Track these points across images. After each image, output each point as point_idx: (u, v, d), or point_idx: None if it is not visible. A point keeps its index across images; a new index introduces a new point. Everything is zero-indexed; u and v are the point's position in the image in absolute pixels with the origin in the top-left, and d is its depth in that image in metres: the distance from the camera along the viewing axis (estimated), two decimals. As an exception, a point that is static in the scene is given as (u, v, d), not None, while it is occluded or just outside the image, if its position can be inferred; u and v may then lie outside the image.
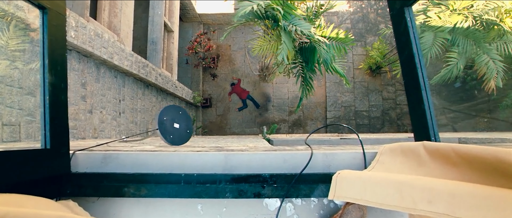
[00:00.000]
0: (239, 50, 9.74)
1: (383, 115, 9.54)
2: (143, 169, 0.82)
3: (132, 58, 4.78)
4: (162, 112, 1.97)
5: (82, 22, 3.36)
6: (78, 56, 3.56)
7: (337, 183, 0.69)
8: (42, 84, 0.72)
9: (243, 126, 9.46)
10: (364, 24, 9.77)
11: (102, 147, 1.17)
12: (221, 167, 0.81)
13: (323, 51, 3.69)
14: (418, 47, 0.71)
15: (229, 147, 1.35)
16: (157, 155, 0.83)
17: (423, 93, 0.71)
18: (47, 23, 0.73)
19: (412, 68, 0.72)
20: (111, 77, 4.40)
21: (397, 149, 0.75)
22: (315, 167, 0.80)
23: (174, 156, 0.83)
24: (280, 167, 0.80)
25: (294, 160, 0.81)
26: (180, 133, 2.03)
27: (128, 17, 5.03)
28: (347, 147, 1.38)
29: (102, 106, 4.14)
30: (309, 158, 0.79)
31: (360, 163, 0.81)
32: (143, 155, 0.83)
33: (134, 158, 0.83)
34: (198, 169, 0.81)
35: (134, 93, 5.22)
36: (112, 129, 4.43)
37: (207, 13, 9.19)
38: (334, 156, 0.82)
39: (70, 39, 3.17)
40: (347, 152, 0.83)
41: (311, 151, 0.82)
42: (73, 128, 3.45)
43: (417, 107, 0.73)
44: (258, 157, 0.81)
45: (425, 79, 0.71)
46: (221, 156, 0.81)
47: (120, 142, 2.13)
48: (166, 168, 0.82)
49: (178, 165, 0.82)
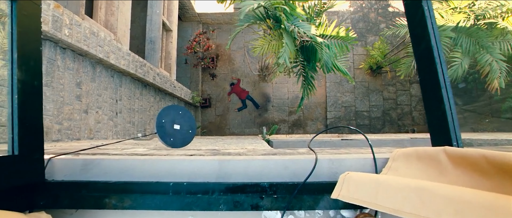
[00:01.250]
0: (239, 50, 9.65)
1: (384, 115, 9.47)
2: (128, 177, 0.74)
3: (129, 58, 4.69)
4: (160, 114, 1.88)
5: (77, 20, 3.28)
6: (72, 55, 3.47)
7: (345, 182, 0.61)
8: (10, 82, 0.63)
9: (243, 126, 9.37)
10: (364, 24, 9.69)
11: (86, 152, 1.08)
12: (214, 174, 0.72)
13: (325, 50, 3.60)
14: (437, 39, 0.63)
15: (226, 150, 1.26)
16: (144, 161, 0.74)
17: (443, 92, 0.62)
18: (16, 12, 0.64)
19: (430, 63, 0.64)
20: (107, 77, 4.31)
21: (412, 154, 0.66)
22: (320, 175, 0.72)
23: (162, 162, 0.74)
24: (281, 174, 0.71)
25: (296, 166, 0.72)
26: (181, 134, 1.94)
27: (125, 15, 4.94)
28: (353, 150, 1.29)
29: (98, 106, 4.05)
30: (314, 164, 0.71)
31: (371, 170, 0.73)
32: (128, 161, 0.75)
33: (118, 165, 0.74)
34: (189, 177, 0.72)
35: (132, 93, 5.13)
36: (109, 129, 4.35)
37: (206, 13, 9.10)
38: (341, 162, 0.73)
39: (64, 38, 3.08)
40: (356, 158, 0.74)
41: (315, 157, 0.73)
42: (67, 129, 3.36)
43: (436, 108, 0.65)
44: (256, 163, 0.72)
45: (445, 75, 0.62)
46: (214, 162, 0.73)
47: (110, 145, 2.03)
48: (153, 175, 0.73)
49: (166, 172, 0.73)
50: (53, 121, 3.11)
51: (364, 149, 1.40)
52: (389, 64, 8.90)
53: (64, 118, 3.31)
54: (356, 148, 1.50)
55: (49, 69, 3.05)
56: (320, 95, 9.50)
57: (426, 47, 0.64)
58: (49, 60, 3.04)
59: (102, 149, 1.32)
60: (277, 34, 3.70)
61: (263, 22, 3.88)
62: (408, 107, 9.55)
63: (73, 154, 0.92)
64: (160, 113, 1.80)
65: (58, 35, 2.97)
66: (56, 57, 3.16)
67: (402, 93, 9.59)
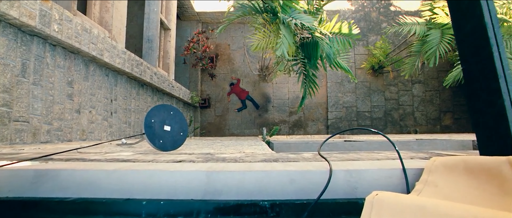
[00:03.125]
0: (238, 49, 9.50)
1: (386, 115, 9.32)
2: (91, 193, 0.58)
3: (125, 56, 4.53)
4: (149, 113, 1.72)
5: (67, 16, 3.12)
6: (63, 52, 3.32)
7: (374, 207, 0.45)
8: None
9: (242, 127, 9.22)
10: (366, 23, 9.55)
11: (45, 159, 0.92)
12: (201, 190, 0.57)
13: (326, 46, 3.44)
14: (492, 15, 0.47)
15: (220, 155, 1.10)
16: (112, 173, 0.59)
17: (502, 83, 0.47)
18: None
19: (482, 46, 0.48)
20: (101, 76, 4.15)
21: (457, 165, 0.51)
22: (336, 190, 0.56)
23: (135, 174, 0.58)
24: (286, 190, 0.56)
25: (305, 180, 0.57)
26: (172, 136, 1.78)
27: (121, 12, 4.79)
28: (364, 155, 1.13)
29: (92, 106, 3.89)
30: (328, 177, 0.55)
31: (399, 184, 0.57)
32: (91, 172, 0.59)
33: (80, 177, 0.59)
34: (169, 193, 0.57)
35: (128, 93, 4.98)
36: (103, 130, 4.19)
37: (206, 11, 8.95)
38: (361, 173, 0.58)
39: (54, 34, 2.93)
40: (379, 167, 0.59)
41: (330, 167, 0.57)
42: (57, 129, 3.21)
43: (489, 104, 0.49)
44: (254, 176, 0.57)
45: (504, 61, 0.47)
46: (201, 174, 0.57)
47: (91, 148, 1.88)
48: (123, 190, 0.58)
49: (140, 187, 0.58)
50: (42, 121, 2.95)
51: (376, 153, 1.24)
52: (391, 63, 8.75)
53: (54, 118, 3.15)
54: (367, 152, 1.34)
55: (38, 67, 2.90)
56: (321, 95, 9.35)
57: (477, 25, 0.49)
58: (37, 57, 2.88)
59: (85, 153, 1.16)
60: (275, 28, 3.54)
61: (260, 14, 3.72)
62: (410, 108, 9.40)
63: (35, 160, 0.77)
64: (149, 112, 1.64)
65: (47, 31, 2.82)
66: (45, 55, 3.01)
67: (404, 94, 9.45)
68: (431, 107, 9.32)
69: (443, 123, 9.33)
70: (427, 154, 1.15)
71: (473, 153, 1.41)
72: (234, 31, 9.57)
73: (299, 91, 9.35)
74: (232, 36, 9.59)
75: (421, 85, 9.38)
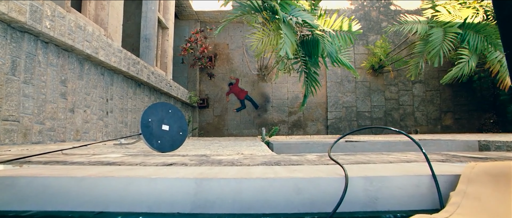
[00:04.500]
0: (237, 49, 9.41)
1: (386, 115, 9.24)
2: (57, 204, 0.48)
3: (121, 54, 4.43)
4: (146, 112, 1.62)
5: (60, 12, 3.01)
6: (56, 50, 3.21)
7: None
8: None
9: (241, 127, 9.12)
10: (365, 22, 9.47)
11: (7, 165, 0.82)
12: (189, 201, 0.47)
13: (328, 43, 3.34)
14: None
15: (217, 157, 0.99)
16: (82, 181, 0.49)
17: None
18: None
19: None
20: (97, 75, 4.04)
21: (505, 174, 0.41)
22: (352, 201, 0.47)
23: (111, 182, 0.48)
24: (291, 202, 0.46)
25: (315, 189, 0.47)
26: (171, 136, 1.68)
27: (117, 10, 4.68)
28: (384, 158, 1.03)
29: (86, 105, 3.78)
30: (344, 186, 0.45)
31: (429, 195, 0.48)
32: (58, 180, 0.49)
33: (43, 185, 0.49)
34: (149, 206, 0.47)
35: (124, 92, 4.87)
36: (98, 129, 4.08)
37: (204, 10, 8.85)
38: (382, 181, 0.48)
39: (45, 30, 2.82)
40: (405, 175, 0.49)
41: (345, 174, 0.48)
42: (50, 129, 3.10)
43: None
44: (254, 184, 0.47)
45: None
46: (190, 182, 0.47)
47: (77, 149, 1.77)
48: (96, 202, 0.48)
49: (116, 198, 0.48)
50: (33, 120, 2.84)
51: (386, 154, 1.14)
52: (391, 63, 8.68)
53: (47, 117, 3.04)
54: (375, 153, 1.24)
55: (29, 65, 2.79)
56: (320, 95, 9.26)
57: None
58: (28, 55, 2.78)
59: (69, 155, 1.06)
60: (274, 27, 3.44)
61: (259, 13, 3.62)
62: (410, 108, 9.33)
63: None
64: (146, 110, 1.54)
65: (38, 27, 2.71)
66: (37, 52, 2.90)
67: (404, 94, 9.38)
68: (431, 107, 9.24)
69: (443, 123, 9.26)
70: (440, 155, 1.05)
71: (495, 155, 1.32)
72: (233, 30, 9.47)
73: (298, 91, 9.25)
74: (231, 36, 9.49)
75: (422, 85, 9.31)
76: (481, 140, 3.04)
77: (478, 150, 3.09)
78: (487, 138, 3.37)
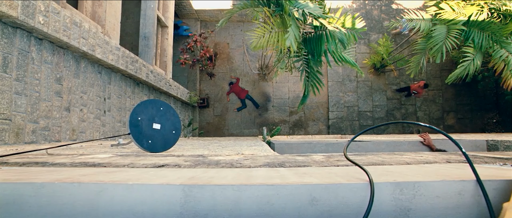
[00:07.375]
0: (238, 48, 9.32)
1: (388, 115, 9.15)
2: (10, 216, 0.39)
3: (119, 52, 4.33)
4: (135, 110, 1.52)
5: (55, 7, 2.92)
6: (51, 47, 3.12)
7: None
8: None
9: (242, 127, 9.03)
10: (367, 21, 9.37)
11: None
12: (174, 213, 0.37)
13: (338, 32, 3.22)
14: None
15: (214, 157, 0.90)
16: (42, 188, 0.39)
17: None
18: None
19: None
20: (94, 73, 3.95)
21: None
22: (379, 212, 0.37)
23: (78, 189, 0.39)
24: (304, 214, 0.37)
25: (332, 197, 0.38)
26: (163, 135, 1.58)
27: (115, 7, 4.59)
28: (397, 158, 0.94)
29: (83, 104, 3.69)
30: (370, 195, 0.36)
31: (475, 204, 0.38)
32: (17, 185, 0.40)
33: (2, 192, 0.39)
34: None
35: (122, 91, 4.78)
36: (95, 129, 3.99)
37: (204, 9, 8.75)
38: (416, 188, 0.38)
39: (39, 26, 2.73)
40: (443, 180, 0.39)
41: (369, 178, 0.38)
42: (44, 129, 3.01)
43: None
44: (257, 192, 0.37)
45: None
46: (176, 190, 0.38)
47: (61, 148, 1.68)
48: (59, 213, 0.39)
49: (84, 208, 0.38)
50: (26, 119, 2.75)
51: (399, 155, 1.05)
52: (393, 62, 8.58)
53: (41, 116, 2.95)
54: (387, 154, 1.15)
55: (22, 62, 2.70)
56: (321, 95, 9.17)
57: None
58: (21, 51, 2.68)
59: (54, 156, 0.96)
60: (278, 22, 3.34)
61: (264, 6, 3.52)
62: (412, 108, 9.24)
63: None
64: (135, 108, 1.44)
65: (31, 22, 2.62)
66: (30, 49, 2.81)
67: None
68: (434, 107, 9.15)
69: (446, 123, 9.16)
70: (460, 156, 0.95)
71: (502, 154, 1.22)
72: (233, 29, 9.38)
73: (299, 90, 9.16)
74: (231, 35, 9.40)
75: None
76: (489, 140, 2.95)
77: (486, 150, 3.00)
78: (494, 137, 3.28)
